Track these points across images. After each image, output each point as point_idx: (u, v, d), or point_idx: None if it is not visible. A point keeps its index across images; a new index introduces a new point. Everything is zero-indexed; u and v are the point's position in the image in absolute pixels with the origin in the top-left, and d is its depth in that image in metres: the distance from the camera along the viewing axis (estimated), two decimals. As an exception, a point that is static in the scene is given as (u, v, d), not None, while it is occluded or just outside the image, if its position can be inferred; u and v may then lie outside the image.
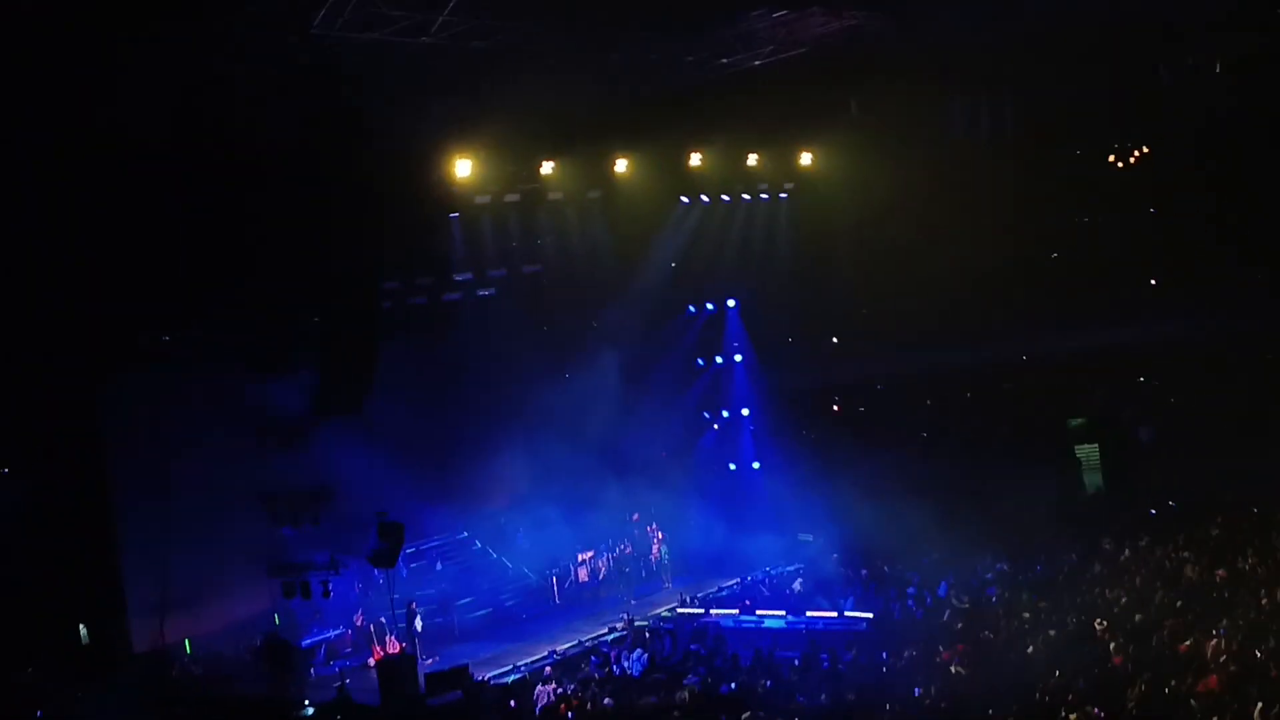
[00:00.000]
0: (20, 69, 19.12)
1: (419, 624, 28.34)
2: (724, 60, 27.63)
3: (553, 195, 31.67)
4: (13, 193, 21.15)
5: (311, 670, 27.72)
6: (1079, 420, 38.50)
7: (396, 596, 28.15)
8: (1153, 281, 38.60)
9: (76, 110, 20.66)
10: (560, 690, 24.09)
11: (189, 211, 22.81)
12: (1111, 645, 21.32)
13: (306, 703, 25.20)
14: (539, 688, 24.13)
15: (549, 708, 23.57)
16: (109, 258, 22.64)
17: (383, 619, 28.29)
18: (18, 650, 22.65)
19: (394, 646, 27.57)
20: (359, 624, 28.94)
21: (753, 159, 34.20)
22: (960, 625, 24.76)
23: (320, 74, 22.17)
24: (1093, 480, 37.00)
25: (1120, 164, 37.94)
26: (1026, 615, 24.35)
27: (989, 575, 27.67)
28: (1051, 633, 23.00)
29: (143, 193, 22.23)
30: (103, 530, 23.81)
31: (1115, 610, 23.63)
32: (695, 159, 32.53)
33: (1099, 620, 23.06)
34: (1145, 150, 37.52)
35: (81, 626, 23.58)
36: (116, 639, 23.87)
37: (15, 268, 21.63)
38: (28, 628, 22.69)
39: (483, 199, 29.98)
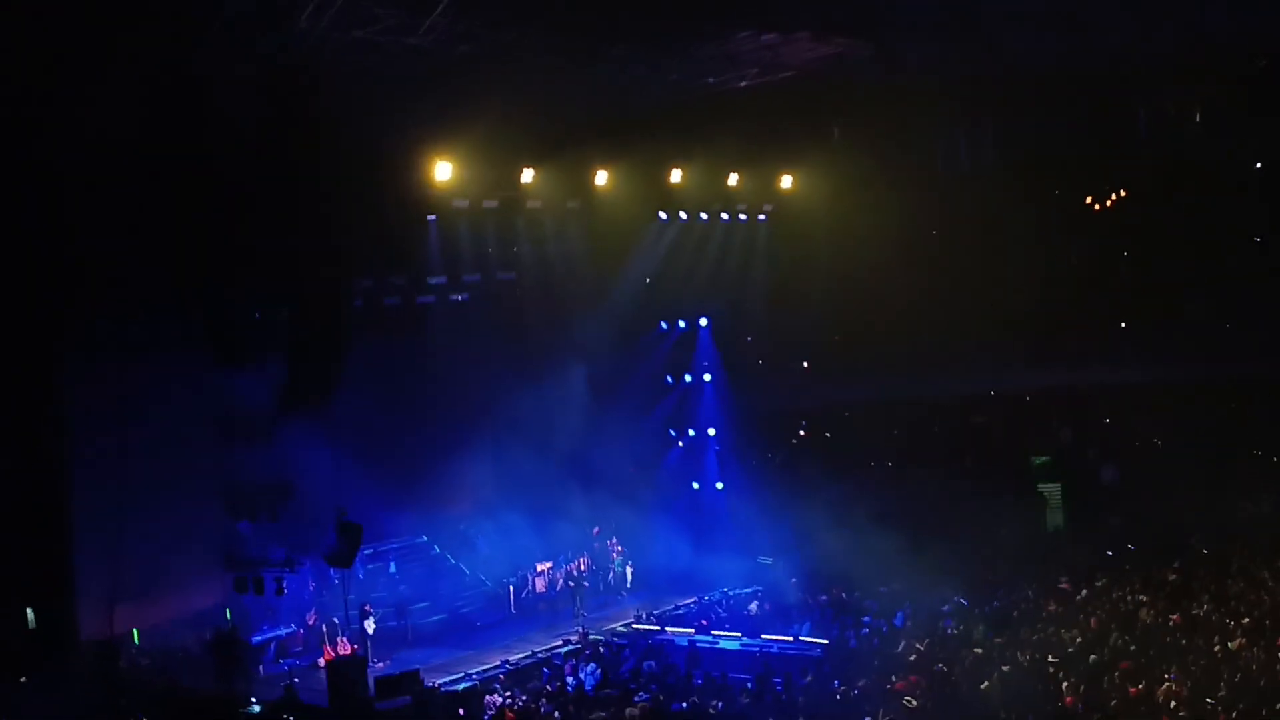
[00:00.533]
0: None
1: (371, 626, 28.12)
2: (710, 79, 27.72)
3: (531, 203, 31.64)
4: None
5: (260, 667, 27.45)
6: (1043, 458, 38.67)
7: (351, 597, 27.91)
8: (1123, 324, 38.86)
9: (53, 100, 20.53)
10: (510, 701, 23.94)
11: (163, 201, 22.65)
12: (1064, 684, 21.34)
13: (254, 700, 24.96)
14: (488, 697, 23.98)
15: (496, 717, 23.43)
16: (77, 243, 22.47)
17: (335, 619, 28.02)
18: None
19: (345, 648, 27.32)
20: (311, 623, 28.69)
21: (733, 179, 34.29)
22: (915, 656, 24.73)
23: (301, 70, 22.09)
24: (1054, 519, 37.11)
25: (1097, 206, 38.25)
26: (980, 650, 24.36)
27: (946, 607, 27.65)
28: (1005, 668, 22.99)
29: (118, 182, 22.07)
30: (56, 514, 23.51)
31: (1069, 650, 23.66)
32: (676, 175, 32.59)
33: (1052, 658, 23.12)
34: (1122, 193, 37.84)
35: (29, 610, 23.27)
36: (64, 625, 23.56)
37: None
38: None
39: (461, 203, 29.93)
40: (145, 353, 26.00)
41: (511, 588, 32.28)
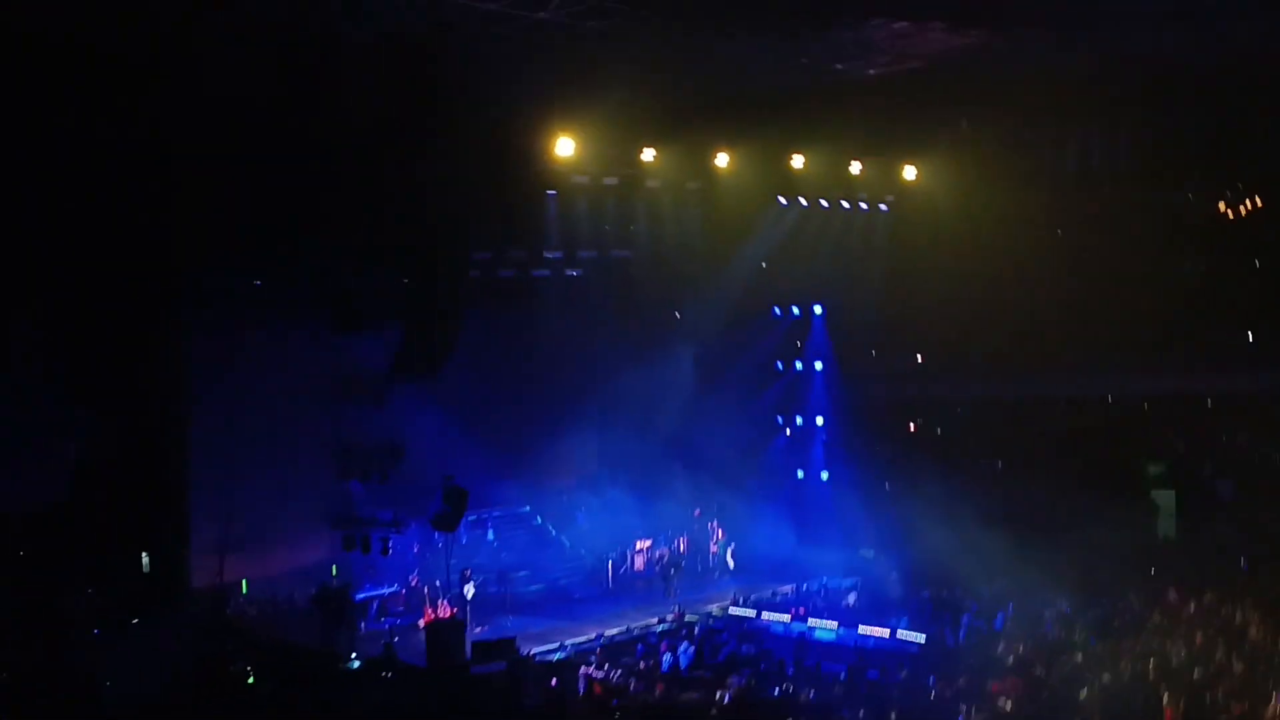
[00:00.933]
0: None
1: (471, 591, 28.54)
2: (838, 65, 27.40)
3: (651, 183, 31.64)
4: (127, 134, 21.54)
5: (362, 624, 28.05)
6: (1158, 466, 37.82)
7: (453, 562, 28.36)
8: (1249, 335, 37.74)
9: (193, 64, 20.98)
10: (604, 675, 24.14)
11: (290, 167, 23.05)
12: (1165, 697, 20.90)
13: (354, 655, 25.50)
14: (583, 669, 24.19)
15: (590, 691, 23.64)
16: (210, 204, 22.97)
17: (437, 582, 28.52)
18: (83, 570, 23.11)
19: (445, 610, 27.78)
20: (413, 584, 29.22)
21: (856, 167, 33.93)
22: (1013, 659, 24.42)
23: (430, 41, 22.30)
24: (1166, 528, 36.32)
25: (1230, 213, 37.16)
26: (1081, 657, 23.97)
27: (1048, 612, 27.23)
28: (1106, 677, 22.61)
29: (246, 146, 22.49)
30: (173, 465, 24.17)
31: (1173, 663, 23.17)
32: (797, 161, 32.33)
33: (1154, 667, 22.68)
34: (1258, 202, 36.72)
35: (144, 555, 23.97)
36: (176, 572, 24.23)
37: (113, 202, 22.03)
38: (94, 550, 23.14)
39: (581, 179, 30.03)
40: (266, 314, 26.66)
41: (610, 563, 32.52)
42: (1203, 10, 23.98)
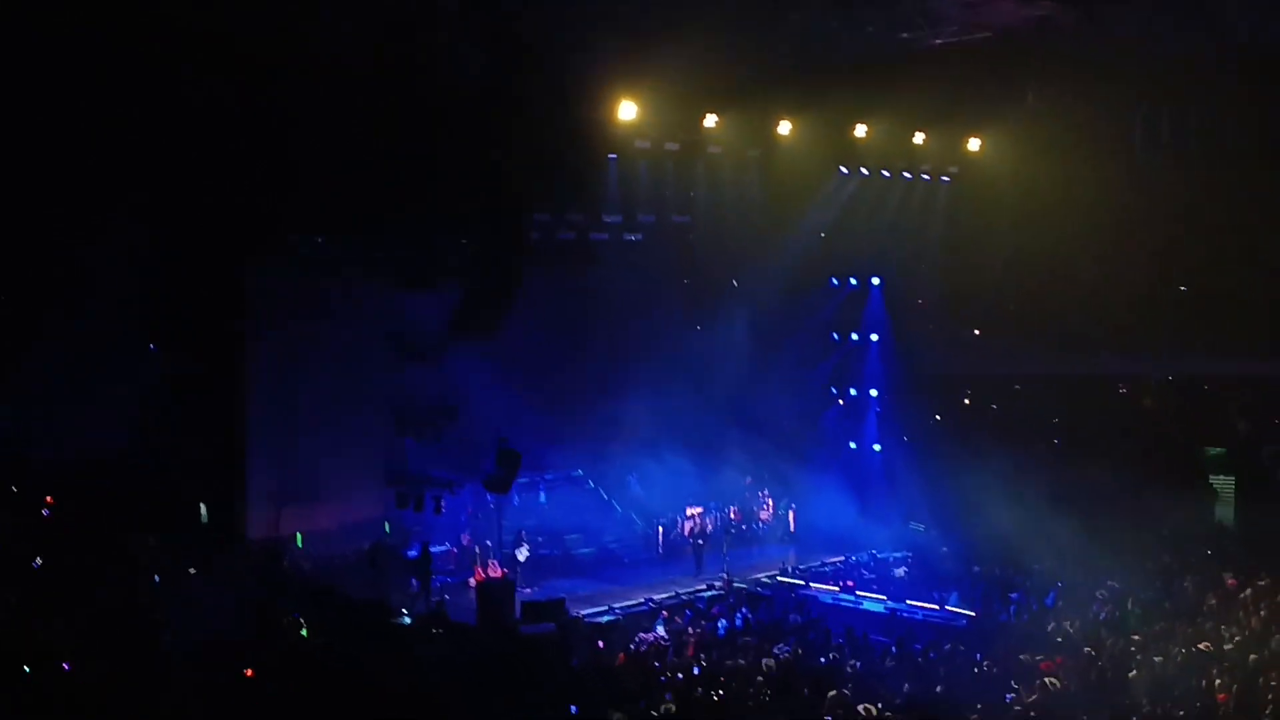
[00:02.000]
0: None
1: (524, 554, 28.71)
2: (904, 35, 27.15)
3: (712, 149, 31.51)
4: (214, 88, 21.75)
5: (413, 581, 28.32)
6: (1218, 449, 37.39)
7: (505, 523, 28.56)
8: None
9: (284, 21, 21.14)
10: (654, 639, 24.30)
11: (367, 125, 23.19)
12: (1218, 682, 20.73)
13: (404, 612, 25.78)
14: (640, 635, 24.37)
15: (638, 654, 23.79)
16: (278, 157, 23.16)
17: (488, 542, 28.72)
18: (144, 517, 23.52)
19: (495, 570, 28.00)
20: (465, 544, 29.44)
21: (919, 138, 33.63)
22: (1063, 638, 24.30)
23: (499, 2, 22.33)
24: (1224, 512, 35.95)
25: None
26: (1135, 638, 23.81)
27: (1101, 592, 27.05)
28: (1157, 659, 22.46)
29: (329, 103, 22.65)
30: (234, 417, 24.52)
31: (1227, 647, 22.96)
32: (860, 130, 32.10)
33: (1207, 649, 22.50)
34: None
35: (202, 505, 24.34)
36: (233, 522, 24.62)
37: (193, 151, 22.28)
38: (155, 498, 23.52)
39: (643, 144, 29.94)
40: (329, 269, 26.84)
41: (661, 528, 32.60)
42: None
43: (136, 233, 22.85)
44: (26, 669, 15.57)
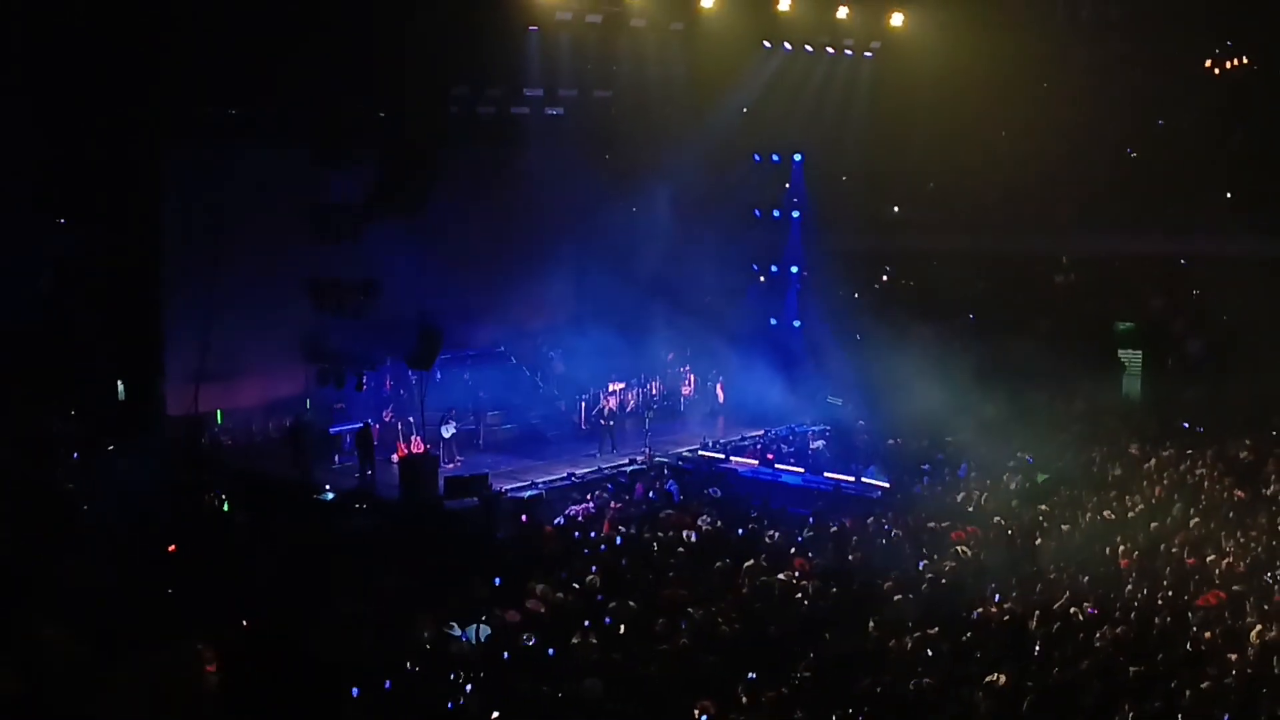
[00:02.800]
0: None
1: (450, 431, 28.79)
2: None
3: (635, 22, 31.00)
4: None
5: (336, 458, 28.36)
6: (1127, 325, 38.15)
7: (428, 400, 28.55)
8: (1228, 195, 37.70)
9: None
10: (576, 512, 24.66)
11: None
12: (1120, 549, 21.48)
13: (327, 488, 25.87)
14: (572, 507, 24.71)
15: (562, 527, 24.13)
16: (191, 28, 22.53)
17: (411, 419, 28.73)
18: (59, 397, 23.23)
19: (419, 446, 28.07)
20: (387, 420, 29.43)
21: (843, 12, 33.32)
22: (974, 508, 24.97)
23: None
24: (1132, 386, 36.82)
25: (1217, 70, 36.83)
26: (1044, 508, 24.53)
27: (1011, 463, 27.75)
28: (1064, 528, 23.21)
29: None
30: (150, 293, 24.10)
31: (1130, 515, 23.75)
32: (784, 3, 31.76)
33: (1111, 518, 23.27)
34: (1244, 60, 36.36)
35: (119, 383, 24.05)
36: (152, 400, 24.34)
37: (96, 21, 21.61)
38: (70, 378, 23.22)
39: (564, 16, 29.33)
40: (245, 144, 26.28)
41: (584, 404, 32.79)
42: None
43: (43, 106, 22.18)
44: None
